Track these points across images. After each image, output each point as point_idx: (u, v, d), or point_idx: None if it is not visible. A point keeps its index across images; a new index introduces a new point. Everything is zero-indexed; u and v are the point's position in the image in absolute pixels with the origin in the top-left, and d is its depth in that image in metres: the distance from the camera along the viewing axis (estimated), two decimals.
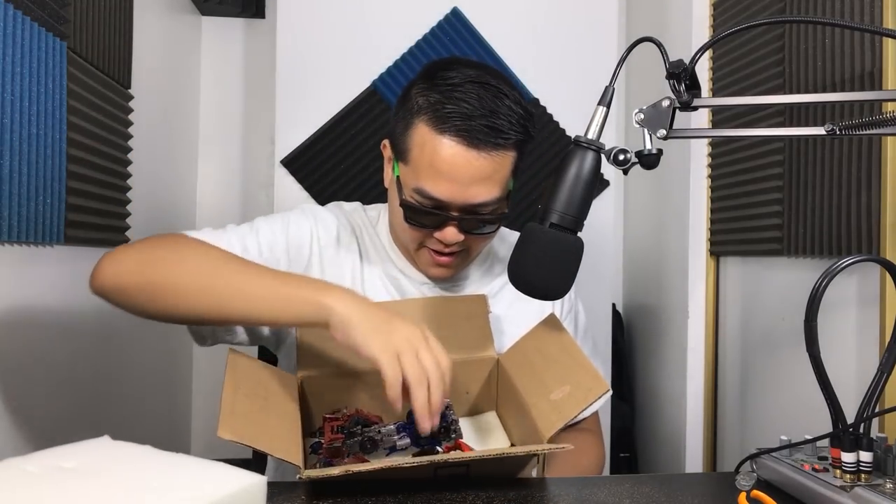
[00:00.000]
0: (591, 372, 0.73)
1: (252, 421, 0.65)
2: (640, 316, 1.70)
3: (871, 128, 0.65)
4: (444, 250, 0.87)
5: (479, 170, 0.80)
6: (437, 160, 0.80)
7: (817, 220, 1.00)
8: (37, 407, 0.96)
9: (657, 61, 0.67)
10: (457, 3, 1.51)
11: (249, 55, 1.81)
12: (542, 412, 0.75)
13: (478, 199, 0.81)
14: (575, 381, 0.74)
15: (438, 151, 0.80)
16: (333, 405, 0.83)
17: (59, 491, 0.47)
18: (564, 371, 0.76)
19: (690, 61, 0.66)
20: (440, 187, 0.81)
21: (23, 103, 0.88)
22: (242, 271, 0.77)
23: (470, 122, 0.79)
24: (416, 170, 0.83)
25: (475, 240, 0.89)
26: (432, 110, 0.81)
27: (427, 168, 0.81)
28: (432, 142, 0.81)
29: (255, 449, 0.61)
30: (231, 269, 0.77)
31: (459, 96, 0.80)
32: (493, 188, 0.82)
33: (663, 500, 0.65)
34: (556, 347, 0.80)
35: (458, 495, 0.65)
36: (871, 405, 0.63)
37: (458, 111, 0.79)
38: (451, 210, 0.82)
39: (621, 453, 1.59)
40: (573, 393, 0.72)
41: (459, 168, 0.80)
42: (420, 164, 0.82)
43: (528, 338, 0.86)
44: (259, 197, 1.80)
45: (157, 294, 0.76)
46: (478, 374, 0.88)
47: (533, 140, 0.87)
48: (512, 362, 0.86)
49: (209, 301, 0.75)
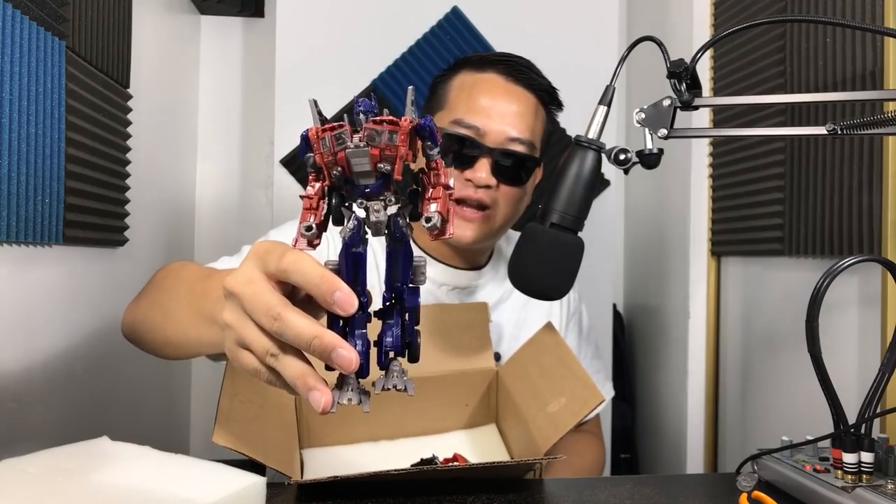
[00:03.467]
0: (587, 383, 0.73)
1: (247, 428, 0.65)
2: (641, 316, 1.70)
3: (873, 127, 0.65)
4: (472, 197, 0.86)
5: (516, 102, 0.87)
6: (476, 91, 0.87)
7: (819, 219, 1.00)
8: (36, 407, 0.96)
9: (658, 60, 0.67)
10: (457, 2, 1.51)
11: (249, 54, 1.81)
12: (539, 425, 0.75)
13: (512, 133, 0.86)
14: (571, 392, 0.74)
15: (479, 84, 0.88)
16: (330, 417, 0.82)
17: (58, 491, 0.47)
18: (560, 382, 0.76)
19: (691, 60, 0.66)
20: (479, 116, 0.85)
21: (21, 103, 0.88)
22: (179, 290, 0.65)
23: (509, 63, 0.89)
24: (453, 107, 0.88)
25: (502, 195, 0.88)
26: (475, 59, 0.91)
27: (466, 100, 0.87)
28: (472, 78, 0.89)
29: (249, 457, 0.61)
30: (170, 294, 0.67)
31: (497, 55, 0.92)
32: (526, 127, 0.87)
33: (664, 501, 0.65)
34: (552, 358, 0.80)
35: (457, 497, 0.64)
36: (873, 406, 0.63)
37: (499, 57, 0.91)
38: (487, 142, 0.85)
39: (622, 454, 1.59)
40: (569, 405, 0.73)
41: (498, 98, 0.86)
42: (459, 101, 0.88)
43: (525, 348, 0.86)
44: (258, 197, 1.80)
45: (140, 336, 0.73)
46: (477, 386, 0.87)
47: (560, 110, 0.96)
48: (510, 374, 0.85)
49: (152, 329, 0.69)
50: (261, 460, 0.61)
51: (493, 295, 0.98)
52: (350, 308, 0.40)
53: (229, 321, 0.43)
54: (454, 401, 0.87)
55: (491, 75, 0.89)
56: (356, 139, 0.40)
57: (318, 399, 0.40)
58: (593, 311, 1.16)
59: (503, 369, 0.87)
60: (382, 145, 0.40)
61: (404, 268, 0.44)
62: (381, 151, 0.40)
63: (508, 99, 0.87)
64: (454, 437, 0.87)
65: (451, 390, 0.86)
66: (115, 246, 1.23)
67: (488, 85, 0.88)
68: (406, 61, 1.50)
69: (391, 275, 0.44)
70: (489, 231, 0.90)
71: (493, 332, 0.91)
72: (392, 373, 0.44)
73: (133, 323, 0.75)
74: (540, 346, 0.83)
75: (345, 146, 0.40)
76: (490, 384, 0.88)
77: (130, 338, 0.77)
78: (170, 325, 0.64)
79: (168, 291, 0.69)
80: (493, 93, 0.87)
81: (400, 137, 0.40)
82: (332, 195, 0.43)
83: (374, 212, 0.41)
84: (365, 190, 0.42)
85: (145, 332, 0.72)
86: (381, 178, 0.41)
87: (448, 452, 0.81)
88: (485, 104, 0.86)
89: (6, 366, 0.88)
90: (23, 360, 0.92)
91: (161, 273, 0.76)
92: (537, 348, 0.84)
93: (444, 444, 0.85)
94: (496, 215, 0.89)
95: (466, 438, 0.86)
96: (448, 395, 0.86)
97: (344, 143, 0.40)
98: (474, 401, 0.88)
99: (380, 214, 0.41)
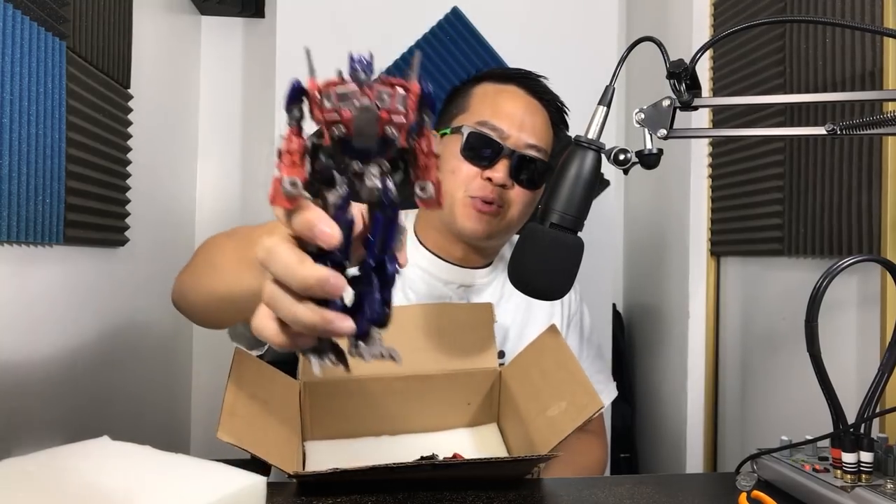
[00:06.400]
0: (587, 388, 0.73)
1: (251, 424, 0.65)
2: (641, 316, 1.70)
3: (872, 127, 0.65)
4: (488, 195, 0.90)
5: (535, 114, 0.94)
6: (500, 99, 0.93)
7: (818, 219, 1.00)
8: (37, 407, 0.96)
9: (658, 61, 0.67)
10: (457, 2, 1.51)
11: (249, 55, 1.81)
12: (538, 428, 0.75)
13: (531, 140, 0.92)
14: (570, 397, 0.74)
15: (502, 94, 0.94)
16: (334, 412, 0.82)
17: (58, 491, 0.47)
18: (561, 386, 0.76)
19: (691, 61, 0.66)
20: (503, 120, 0.91)
21: (22, 103, 0.88)
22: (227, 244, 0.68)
23: (530, 79, 0.97)
24: (477, 111, 0.93)
25: (516, 195, 0.92)
26: (497, 73, 0.98)
27: (491, 105, 0.93)
28: (495, 88, 0.95)
29: (252, 454, 0.61)
30: (219, 249, 0.70)
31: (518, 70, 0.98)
32: (543, 137, 0.94)
33: (664, 501, 0.65)
34: (553, 361, 0.80)
35: (458, 495, 0.64)
36: (872, 405, 0.63)
37: (521, 72, 0.98)
38: (508, 144, 0.90)
39: (622, 453, 1.59)
40: (568, 410, 0.73)
41: (520, 107, 0.93)
42: (483, 106, 0.94)
43: (528, 350, 0.86)
44: (259, 197, 1.80)
45: (187, 296, 0.73)
46: (480, 385, 0.88)
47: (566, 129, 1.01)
48: (513, 376, 0.86)
49: (199, 285, 0.70)
50: (263, 457, 0.61)
51: (496, 294, 0.99)
52: (332, 240, 0.38)
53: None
54: (457, 399, 0.87)
55: (513, 88, 0.95)
56: (364, 99, 0.37)
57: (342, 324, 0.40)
58: (593, 311, 1.16)
59: (506, 370, 0.87)
60: (393, 108, 0.37)
61: (390, 236, 0.42)
62: (389, 114, 0.37)
63: (529, 110, 0.93)
64: (456, 434, 0.87)
65: (454, 389, 0.86)
66: (115, 246, 1.23)
67: (511, 95, 0.94)
68: (406, 61, 1.50)
69: (376, 242, 0.42)
70: (499, 227, 0.93)
71: (497, 331, 0.91)
72: (374, 340, 0.43)
73: (182, 284, 0.75)
74: (542, 349, 0.83)
75: (352, 105, 0.37)
76: (493, 384, 0.88)
77: (178, 302, 0.76)
78: (217, 276, 0.65)
79: (216, 247, 0.71)
80: (516, 102, 0.93)
81: (410, 102, 0.38)
82: (318, 154, 0.40)
83: (371, 176, 0.39)
84: (363, 154, 0.39)
85: (192, 290, 0.72)
86: (381, 143, 0.38)
87: (449, 449, 0.81)
88: (508, 111, 0.92)
89: (7, 365, 0.89)
90: (23, 360, 0.92)
91: (213, 236, 0.76)
92: (540, 351, 0.84)
93: (445, 440, 0.85)
94: (507, 214, 0.92)
95: (468, 436, 0.87)
96: (451, 393, 0.86)
97: (351, 103, 0.37)
98: (477, 400, 0.88)
99: (376, 180, 0.39)
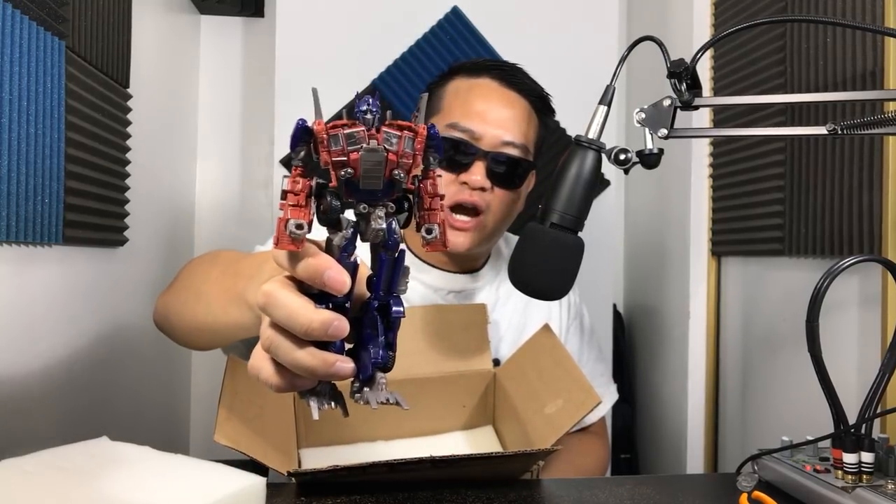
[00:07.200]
0: (583, 385, 0.73)
1: (248, 427, 0.65)
2: (641, 316, 1.70)
3: (873, 127, 0.65)
4: (467, 200, 0.86)
5: (511, 107, 0.88)
6: (471, 96, 0.88)
7: (819, 219, 1.00)
8: (36, 407, 0.96)
9: (658, 60, 0.67)
10: (457, 2, 1.51)
11: (249, 54, 1.81)
12: (536, 427, 0.75)
13: (507, 137, 0.87)
14: (567, 394, 0.74)
15: (474, 89, 0.89)
16: (328, 419, 0.82)
17: (58, 491, 0.47)
18: (557, 384, 0.76)
19: (691, 60, 0.66)
20: (473, 119, 0.86)
21: (21, 103, 0.88)
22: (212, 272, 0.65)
23: (503, 69, 0.91)
24: (448, 111, 0.89)
25: (496, 197, 0.88)
26: (468, 65, 0.92)
27: (462, 105, 0.88)
28: (467, 84, 0.90)
29: (249, 456, 0.61)
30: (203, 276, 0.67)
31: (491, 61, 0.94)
32: (520, 131, 0.88)
33: (664, 502, 0.65)
34: (549, 360, 0.80)
35: (457, 496, 0.64)
36: (873, 406, 0.63)
37: (493, 63, 0.93)
38: (482, 145, 0.86)
39: (622, 454, 1.59)
40: (565, 406, 0.73)
41: (493, 102, 0.87)
42: (454, 105, 0.89)
43: (523, 350, 0.86)
44: (258, 197, 1.80)
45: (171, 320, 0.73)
46: (474, 387, 0.88)
47: (552, 116, 0.96)
48: (508, 376, 0.85)
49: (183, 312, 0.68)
50: (261, 460, 0.61)
51: (490, 297, 0.98)
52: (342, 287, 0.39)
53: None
54: (452, 402, 0.87)
55: (485, 80, 0.90)
56: (373, 142, 0.38)
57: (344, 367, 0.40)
58: (593, 311, 1.15)
59: (501, 371, 0.87)
60: (399, 151, 0.38)
61: (395, 277, 0.42)
62: (397, 157, 0.38)
63: (503, 103, 0.88)
64: (451, 437, 0.87)
65: (449, 391, 0.86)
66: (115, 246, 1.23)
67: (483, 90, 0.89)
68: (406, 61, 1.50)
69: (381, 283, 0.42)
70: (482, 237, 0.91)
71: (491, 333, 0.91)
72: (379, 385, 0.43)
73: (165, 307, 0.74)
74: (537, 348, 0.83)
75: (360, 148, 0.38)
76: (488, 386, 0.88)
77: (161, 324, 0.76)
78: (200, 305, 0.64)
79: (201, 274, 0.68)
80: (488, 97, 0.88)
81: (417, 145, 0.38)
82: (323, 195, 0.40)
83: (376, 218, 0.39)
84: (369, 195, 0.39)
85: (175, 314, 0.71)
86: (387, 185, 0.39)
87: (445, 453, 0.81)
88: (480, 108, 0.87)
89: (6, 366, 0.88)
90: (22, 361, 0.92)
91: (196, 259, 0.76)
92: (535, 350, 0.84)
93: (441, 444, 0.85)
94: (488, 220, 0.89)
95: (463, 439, 0.87)
96: (446, 395, 0.86)
97: (359, 145, 0.38)
98: (472, 402, 0.88)
99: (381, 222, 0.39)
